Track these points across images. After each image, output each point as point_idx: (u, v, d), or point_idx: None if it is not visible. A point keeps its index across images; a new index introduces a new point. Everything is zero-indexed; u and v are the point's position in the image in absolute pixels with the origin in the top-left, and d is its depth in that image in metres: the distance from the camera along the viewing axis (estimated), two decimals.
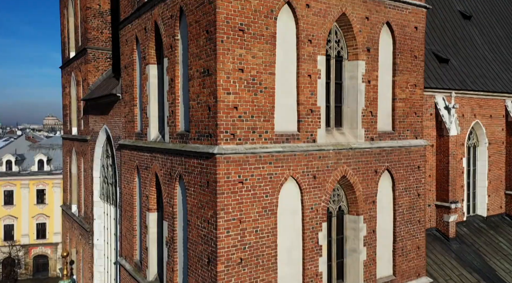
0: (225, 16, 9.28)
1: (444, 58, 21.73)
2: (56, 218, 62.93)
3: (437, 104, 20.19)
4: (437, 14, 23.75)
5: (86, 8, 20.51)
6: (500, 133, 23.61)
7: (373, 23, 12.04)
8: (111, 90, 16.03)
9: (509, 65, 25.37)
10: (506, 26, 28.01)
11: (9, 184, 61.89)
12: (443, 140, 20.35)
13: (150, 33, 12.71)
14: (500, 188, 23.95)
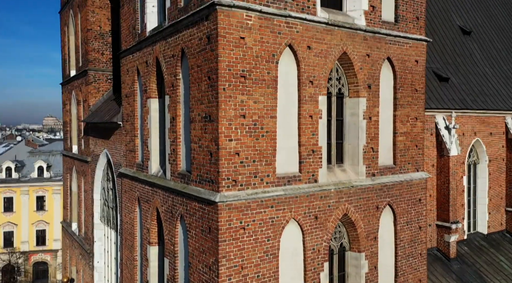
0: (227, 64, 9.29)
1: (444, 77, 21.78)
2: (56, 225, 62.96)
3: (437, 124, 20.23)
4: (437, 30, 23.79)
5: (87, 30, 20.51)
6: (500, 150, 23.64)
7: (374, 60, 12.06)
8: (112, 118, 16.04)
9: (508, 80, 25.41)
10: (506, 39, 28.04)
11: (9, 190, 61.93)
12: (443, 160, 20.36)
13: (152, 67, 12.72)
14: (501, 205, 23.98)
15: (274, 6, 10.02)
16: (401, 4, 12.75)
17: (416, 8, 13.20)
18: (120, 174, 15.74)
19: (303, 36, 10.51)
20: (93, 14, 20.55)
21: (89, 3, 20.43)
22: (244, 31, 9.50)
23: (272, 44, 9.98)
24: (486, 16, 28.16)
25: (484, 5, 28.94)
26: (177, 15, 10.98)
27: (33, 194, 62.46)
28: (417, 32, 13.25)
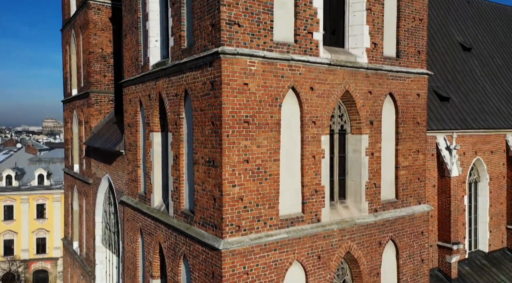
0: (230, 110, 9.34)
1: (445, 96, 21.83)
2: (56, 233, 63.11)
3: (438, 144, 20.25)
4: (437, 47, 23.85)
5: (89, 53, 20.56)
6: (501, 168, 23.68)
7: (376, 96, 12.11)
8: (115, 146, 16.07)
9: (509, 97, 25.46)
10: (506, 54, 28.09)
11: (9, 199, 62.04)
12: (444, 181, 20.38)
13: (154, 102, 12.76)
14: (502, 223, 24.01)
15: (277, 50, 10.07)
16: (403, 40, 12.81)
17: (418, 42, 13.25)
18: (122, 202, 15.77)
19: (306, 78, 10.56)
20: (95, 37, 20.61)
21: (91, 26, 20.48)
22: (248, 77, 9.55)
23: (275, 88, 10.02)
24: (486, 31, 28.23)
25: (485, 20, 29.01)
26: (180, 56, 11.03)
27: (33, 202, 62.60)
28: (418, 65, 13.31)
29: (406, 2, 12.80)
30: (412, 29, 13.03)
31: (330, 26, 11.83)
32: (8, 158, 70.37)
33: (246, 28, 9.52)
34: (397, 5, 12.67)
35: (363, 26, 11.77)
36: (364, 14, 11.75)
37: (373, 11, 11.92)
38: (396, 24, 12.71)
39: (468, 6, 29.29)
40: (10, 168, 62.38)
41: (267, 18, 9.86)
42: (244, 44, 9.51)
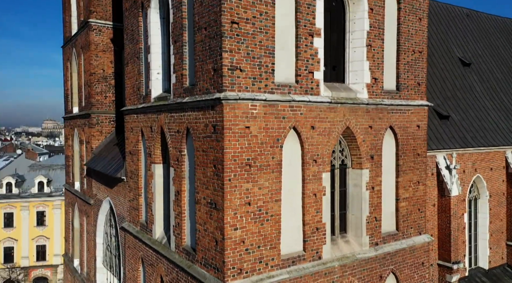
0: (232, 155, 9.41)
1: (445, 115, 21.92)
2: (56, 240, 63.21)
3: (438, 163, 20.31)
4: (436, 63, 23.93)
5: (90, 74, 20.64)
6: (501, 184, 23.75)
7: (376, 131, 12.19)
8: (116, 172, 16.14)
9: (508, 113, 25.54)
10: (505, 68, 28.16)
11: (9, 206, 62.11)
12: (444, 200, 20.43)
13: (156, 134, 12.84)
14: (502, 239, 24.06)
15: (279, 92, 10.16)
16: (403, 73, 12.90)
17: (417, 74, 13.35)
18: (123, 228, 15.83)
19: (307, 117, 10.64)
20: (96, 58, 20.69)
21: (92, 47, 20.58)
22: (249, 121, 9.63)
23: (276, 129, 10.10)
24: (486, 45, 28.31)
25: (484, 34, 29.09)
26: (182, 94, 11.11)
27: (33, 209, 62.67)
28: (418, 97, 13.40)
29: (405, 36, 12.90)
30: (411, 62, 13.12)
31: (331, 61, 11.92)
32: (8, 164, 70.48)
33: (247, 72, 9.61)
34: (397, 39, 12.77)
35: (363, 62, 11.86)
36: (364, 50, 11.84)
37: (373, 47, 12.01)
38: (396, 57, 12.81)
39: (467, 20, 29.40)
40: (10, 175, 62.47)
41: (268, 61, 9.95)
42: (245, 88, 9.59)
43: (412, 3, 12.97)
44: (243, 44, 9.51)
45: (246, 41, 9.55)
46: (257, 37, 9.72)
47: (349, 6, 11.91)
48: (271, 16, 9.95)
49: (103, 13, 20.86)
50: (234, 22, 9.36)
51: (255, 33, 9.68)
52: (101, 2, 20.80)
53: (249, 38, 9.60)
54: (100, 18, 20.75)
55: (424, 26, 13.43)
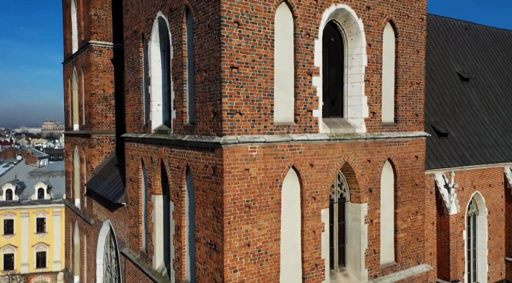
0: (232, 198, 9.52)
1: (443, 132, 22.02)
2: (56, 247, 63.37)
3: (437, 182, 20.41)
4: (435, 79, 24.01)
5: (91, 95, 20.76)
6: (499, 200, 23.86)
7: (374, 164, 12.30)
8: (116, 198, 16.24)
9: (506, 128, 25.65)
10: (504, 81, 28.26)
11: (9, 213, 62.25)
12: (443, 218, 20.53)
13: (157, 166, 12.95)
14: (500, 255, 24.16)
15: (278, 132, 10.27)
16: (401, 105, 13.02)
17: (415, 105, 13.47)
18: (124, 254, 15.92)
19: (306, 155, 10.75)
20: (97, 78, 20.81)
21: (93, 68, 20.69)
22: (249, 163, 9.74)
23: (275, 169, 10.21)
24: (484, 58, 28.42)
25: (482, 47, 29.20)
26: (182, 130, 11.22)
27: (33, 216, 62.79)
28: (416, 128, 13.52)
29: (403, 69, 13.02)
30: (409, 93, 13.25)
31: (330, 96, 12.03)
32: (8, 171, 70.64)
33: (247, 115, 9.72)
34: (394, 72, 12.89)
35: (361, 97, 11.98)
36: (362, 85, 11.96)
37: (371, 82, 12.13)
38: (394, 90, 12.93)
39: (466, 33, 29.53)
40: (10, 181, 62.68)
41: (267, 103, 10.06)
42: (245, 131, 9.70)
43: (409, 36, 13.09)
44: (243, 88, 9.63)
45: (245, 84, 9.67)
46: (257, 80, 9.84)
47: (347, 42, 12.03)
48: (270, 58, 10.07)
49: (103, 34, 20.98)
50: (234, 67, 9.48)
51: (255, 76, 9.80)
52: (101, 23, 20.93)
53: (249, 81, 9.72)
54: (101, 39, 20.87)
55: (422, 57, 13.55)
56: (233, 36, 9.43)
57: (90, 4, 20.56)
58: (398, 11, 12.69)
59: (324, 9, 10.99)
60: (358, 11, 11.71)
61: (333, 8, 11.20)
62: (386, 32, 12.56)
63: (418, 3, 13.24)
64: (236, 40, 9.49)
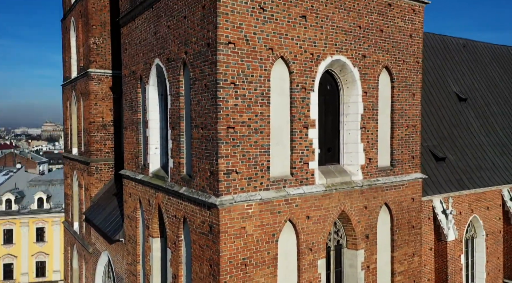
0: (228, 257, 9.59)
1: (441, 157, 22.09)
2: (55, 256, 63.44)
3: (434, 208, 20.46)
4: (432, 100, 24.04)
5: (90, 123, 20.84)
6: (497, 222, 23.91)
7: (371, 210, 12.37)
8: (115, 234, 16.30)
9: (504, 148, 25.68)
10: (501, 99, 28.27)
11: (8, 222, 62.35)
12: (441, 244, 20.57)
13: (154, 209, 13.01)
14: (499, 277, 24.20)
15: (274, 187, 10.34)
16: (397, 149, 13.10)
17: (411, 148, 13.55)
18: None
19: (302, 208, 10.83)
20: (95, 106, 20.89)
21: (91, 97, 20.78)
22: (245, 221, 9.81)
23: (272, 225, 10.29)
24: (482, 76, 28.43)
25: (480, 65, 29.23)
26: (179, 181, 11.30)
27: (32, 225, 62.89)
28: (412, 170, 13.60)
29: (399, 113, 13.11)
30: (405, 137, 13.33)
31: (326, 143, 12.11)
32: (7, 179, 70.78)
33: (243, 173, 9.80)
34: (391, 117, 12.98)
35: (357, 144, 12.07)
36: (358, 133, 12.04)
37: (367, 129, 12.22)
38: (390, 134, 13.01)
39: (464, 51, 29.61)
40: (10, 191, 62.88)
41: (263, 159, 10.14)
42: (241, 189, 9.78)
43: (405, 80, 13.18)
44: (239, 147, 9.71)
45: (242, 143, 9.75)
46: (253, 138, 9.92)
47: (343, 90, 12.12)
48: (266, 115, 10.15)
49: (102, 62, 21.07)
50: (230, 127, 9.56)
51: (251, 134, 9.89)
52: (100, 51, 21.02)
53: (245, 140, 9.80)
54: (100, 67, 20.95)
55: (418, 100, 13.64)
56: (230, 97, 9.52)
57: (89, 33, 20.66)
58: (394, 56, 12.79)
59: (320, 61, 11.08)
60: (354, 61, 11.81)
61: (329, 59, 11.28)
62: (382, 78, 12.65)
63: (413, 47, 13.33)
64: (233, 100, 9.57)
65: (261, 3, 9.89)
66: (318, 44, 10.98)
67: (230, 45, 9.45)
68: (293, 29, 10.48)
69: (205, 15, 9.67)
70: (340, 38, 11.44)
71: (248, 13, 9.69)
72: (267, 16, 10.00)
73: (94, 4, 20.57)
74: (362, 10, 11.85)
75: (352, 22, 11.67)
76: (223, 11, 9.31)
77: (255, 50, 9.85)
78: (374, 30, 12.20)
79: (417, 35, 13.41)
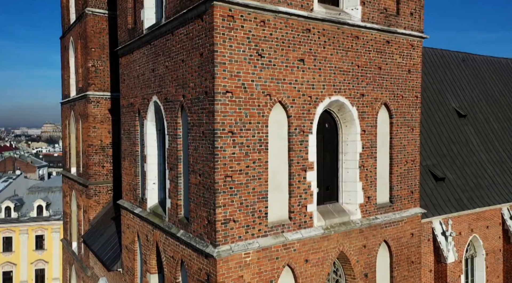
0: None
1: (441, 177, 22.03)
2: (55, 264, 63.41)
3: (434, 230, 20.42)
4: (432, 118, 23.95)
5: (88, 145, 20.78)
6: (497, 241, 23.86)
7: (370, 249, 12.31)
8: (113, 264, 16.25)
9: (504, 165, 25.60)
10: (501, 114, 28.19)
11: (8, 230, 62.34)
12: (441, 266, 20.52)
13: (152, 246, 12.95)
14: None
15: (272, 233, 10.28)
16: (396, 185, 13.05)
17: (410, 183, 13.50)
18: None
19: (301, 252, 10.77)
20: (94, 129, 20.83)
21: (90, 119, 20.72)
22: (243, 269, 9.75)
23: (270, 271, 10.23)
24: (482, 91, 28.33)
25: (480, 79, 29.15)
26: (177, 223, 11.24)
27: (32, 233, 62.86)
28: (411, 205, 13.55)
29: (398, 149, 13.06)
30: (404, 172, 13.28)
31: (324, 182, 12.05)
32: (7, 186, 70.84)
33: (241, 222, 9.75)
34: (389, 153, 12.93)
35: (356, 183, 12.01)
36: (357, 171, 11.99)
37: (365, 167, 12.16)
38: (389, 170, 12.96)
39: (463, 65, 29.55)
40: (10, 199, 62.95)
41: (261, 206, 10.08)
42: (239, 238, 9.72)
43: (404, 115, 13.14)
44: (237, 196, 9.66)
45: (239, 192, 9.69)
46: (251, 185, 9.87)
47: (342, 128, 12.07)
48: (264, 161, 10.10)
49: (101, 85, 21.02)
50: (228, 176, 9.51)
51: (249, 181, 9.83)
52: (99, 74, 20.96)
53: (243, 188, 9.75)
54: (99, 90, 20.90)
55: (417, 135, 13.59)
56: (227, 146, 9.47)
57: (87, 56, 20.60)
58: (392, 93, 12.74)
59: (318, 103, 11.03)
60: (352, 100, 11.76)
61: (327, 101, 11.24)
62: (381, 115, 12.61)
63: (412, 82, 13.29)
64: (230, 149, 9.52)
65: (259, 50, 9.85)
66: (316, 86, 10.93)
67: (227, 94, 9.40)
68: (291, 73, 10.44)
69: (203, 63, 9.62)
70: (339, 78, 11.40)
71: (246, 61, 9.65)
72: (265, 63, 9.96)
73: (93, 27, 20.52)
74: (360, 49, 11.81)
75: (350, 62, 11.63)
76: (221, 61, 9.26)
77: (253, 97, 9.81)
78: (373, 68, 12.16)
79: (416, 70, 13.37)
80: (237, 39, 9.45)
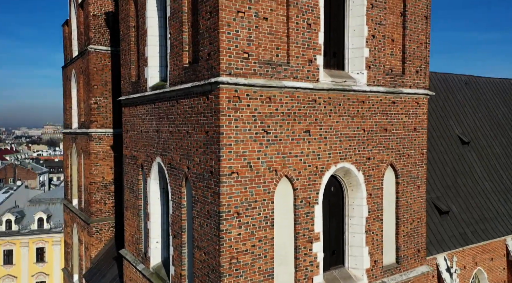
0: None
1: (445, 210, 21.89)
2: (55, 276, 63.31)
3: (438, 266, 20.28)
4: (435, 146, 23.77)
5: (90, 183, 20.66)
6: (501, 273, 23.72)
7: None
8: None
9: (508, 194, 25.42)
10: (505, 139, 28.02)
11: (8, 243, 62.27)
12: None
13: None
14: None
15: None
16: (402, 245, 12.91)
17: (417, 241, 13.36)
18: None
19: None
20: (96, 166, 20.70)
21: (92, 157, 20.60)
22: None
23: None
24: (485, 115, 28.17)
25: (483, 102, 28.97)
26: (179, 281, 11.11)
27: (33, 245, 62.78)
28: (418, 264, 13.41)
29: (404, 208, 12.91)
30: (411, 231, 13.14)
31: (331, 246, 11.89)
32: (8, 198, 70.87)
33: None
34: (395, 213, 12.78)
35: (362, 248, 11.86)
36: (363, 236, 11.85)
37: (372, 231, 12.02)
38: (395, 231, 12.82)
39: (466, 89, 29.40)
40: (10, 211, 62.99)
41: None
42: None
43: (410, 174, 13.01)
44: (242, 277, 9.51)
45: (245, 272, 9.56)
46: (256, 265, 9.73)
47: (347, 192, 11.94)
48: (270, 238, 9.96)
49: (103, 122, 20.90)
50: (233, 257, 9.37)
51: (254, 261, 9.69)
52: (101, 111, 20.85)
53: (248, 268, 9.61)
54: (101, 127, 20.78)
55: (423, 192, 13.47)
56: (233, 227, 9.33)
57: (90, 93, 20.50)
58: (398, 153, 12.62)
59: (324, 172, 10.90)
60: (358, 165, 11.63)
61: (333, 169, 11.11)
62: (387, 176, 12.47)
63: (418, 140, 13.17)
64: (236, 230, 9.39)
65: (265, 127, 9.72)
66: (322, 156, 10.81)
67: (233, 175, 9.27)
68: (296, 145, 10.31)
69: (208, 142, 9.50)
70: (344, 145, 11.27)
71: (252, 139, 9.52)
72: (271, 139, 9.83)
73: (96, 64, 20.41)
74: (366, 113, 11.68)
75: (356, 127, 11.50)
76: (227, 143, 9.14)
77: (259, 174, 9.68)
78: (378, 131, 12.04)
79: (421, 127, 13.25)
80: (243, 119, 9.33)
